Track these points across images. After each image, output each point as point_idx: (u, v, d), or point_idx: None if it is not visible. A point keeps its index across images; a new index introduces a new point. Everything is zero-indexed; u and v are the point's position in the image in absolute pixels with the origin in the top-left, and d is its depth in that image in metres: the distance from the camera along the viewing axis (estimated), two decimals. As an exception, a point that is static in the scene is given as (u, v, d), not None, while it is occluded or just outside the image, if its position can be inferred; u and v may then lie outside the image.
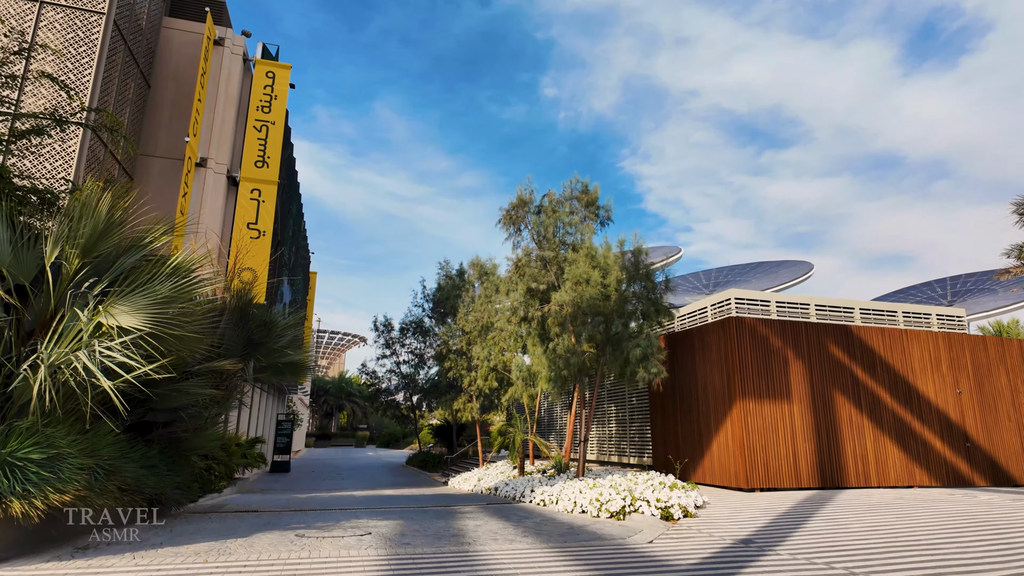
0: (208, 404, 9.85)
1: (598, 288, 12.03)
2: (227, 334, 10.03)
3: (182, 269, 6.37)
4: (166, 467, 8.75)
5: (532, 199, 14.40)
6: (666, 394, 13.19)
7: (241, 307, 10.15)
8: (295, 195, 28.74)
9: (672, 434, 13.02)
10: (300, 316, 13.35)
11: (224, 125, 18.74)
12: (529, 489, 12.05)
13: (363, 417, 68.40)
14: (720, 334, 11.74)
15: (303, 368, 10.97)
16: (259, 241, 18.36)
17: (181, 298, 6.26)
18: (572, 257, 12.80)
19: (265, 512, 10.14)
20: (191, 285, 6.38)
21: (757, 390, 11.27)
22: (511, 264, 14.63)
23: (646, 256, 11.84)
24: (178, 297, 6.26)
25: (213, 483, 13.89)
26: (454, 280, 25.66)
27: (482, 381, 20.69)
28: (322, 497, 14.25)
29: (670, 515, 7.79)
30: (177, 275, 6.32)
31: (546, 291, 13.75)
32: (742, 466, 10.87)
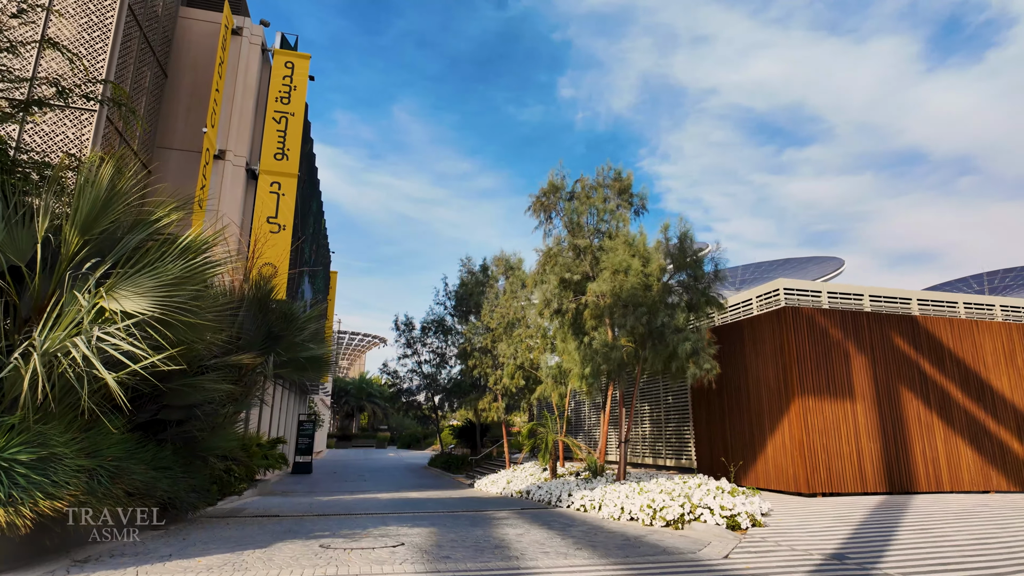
0: (226, 401, 9.21)
1: (639, 277, 11.18)
2: (246, 327, 9.39)
3: (193, 248, 5.68)
4: (181, 469, 8.11)
5: (564, 184, 13.59)
6: (711, 391, 12.27)
7: (260, 298, 9.50)
8: (315, 191, 28.25)
9: (719, 434, 12.09)
10: (322, 308, 12.69)
11: (243, 117, 18.24)
12: (566, 493, 11.22)
13: (384, 418, 68.09)
14: (774, 325, 10.81)
15: (325, 363, 10.29)
16: (279, 235, 17.81)
17: (192, 280, 5.57)
18: (609, 245, 11.95)
19: (286, 517, 9.46)
20: (203, 266, 5.69)
21: (816, 386, 10.32)
22: (540, 255, 13.83)
23: (692, 243, 10.95)
24: (189, 279, 5.57)
25: (233, 485, 13.30)
26: (477, 276, 24.94)
27: (508, 380, 19.92)
28: (346, 500, 13.59)
29: (736, 524, 6.92)
30: (188, 254, 5.63)
31: (580, 282, 12.92)
32: (802, 469, 9.93)
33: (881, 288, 13.65)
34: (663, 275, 11.38)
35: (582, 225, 13.17)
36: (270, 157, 18.31)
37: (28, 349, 4.90)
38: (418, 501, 13.05)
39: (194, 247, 5.66)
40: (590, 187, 13.55)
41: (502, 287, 23.48)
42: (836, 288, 13.65)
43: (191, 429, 8.35)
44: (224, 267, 6.06)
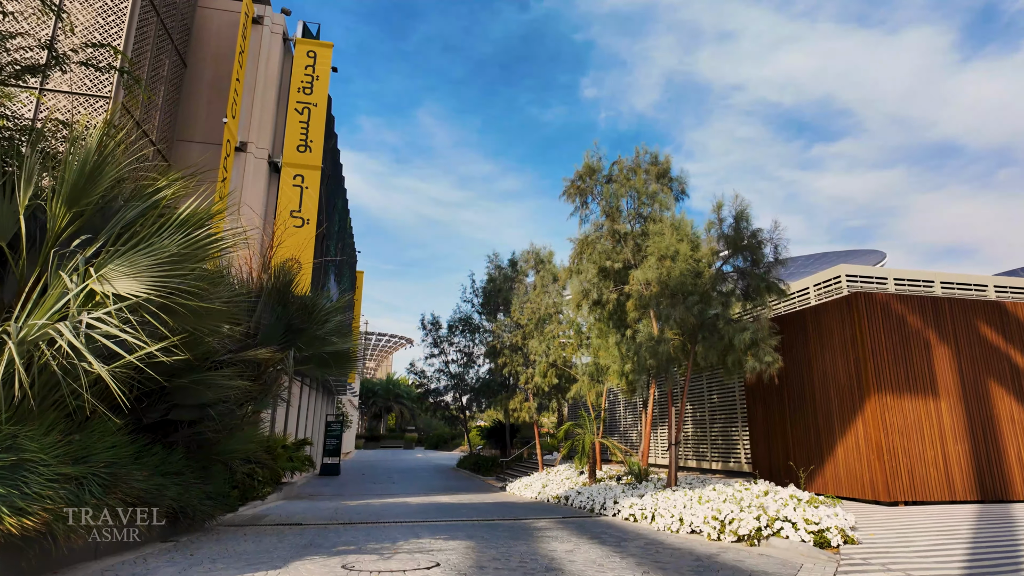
0: (244, 401, 8.51)
1: (688, 263, 10.17)
2: (264, 319, 8.68)
3: (193, 220, 4.91)
4: (194, 474, 7.41)
5: (601, 167, 12.64)
6: (769, 388, 11.18)
7: (279, 289, 8.78)
8: (340, 188, 27.72)
9: (778, 436, 10.99)
10: (347, 299, 11.91)
11: (264, 108, 17.71)
12: (610, 500, 10.27)
13: (411, 419, 67.77)
14: (843, 314, 9.69)
15: (350, 359, 9.53)
16: (303, 230, 17.22)
17: (193, 257, 4.81)
18: (655, 229, 10.96)
19: (309, 526, 8.72)
20: (205, 241, 4.92)
21: (895, 381, 9.18)
22: (576, 243, 12.89)
23: (748, 224, 9.90)
24: (189, 255, 4.81)
25: (256, 489, 12.67)
26: (505, 272, 24.08)
27: (540, 378, 19.03)
28: (374, 505, 12.85)
29: (826, 541, 5.90)
30: (187, 228, 4.87)
31: (621, 271, 11.95)
32: (880, 474, 8.80)
33: (954, 273, 12.36)
34: (715, 260, 10.35)
35: (621, 210, 12.20)
36: (293, 149, 17.74)
37: (1, 337, 4.17)
38: (450, 507, 12.24)
39: (194, 219, 4.90)
40: (628, 169, 12.58)
41: (531, 283, 22.61)
42: (903, 274, 12.42)
43: (205, 431, 7.65)
44: (231, 243, 5.29)
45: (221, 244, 5.10)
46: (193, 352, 6.44)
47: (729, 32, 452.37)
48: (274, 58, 18.16)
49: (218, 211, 5.37)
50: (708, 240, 10.33)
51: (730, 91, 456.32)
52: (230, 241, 5.29)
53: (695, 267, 10.25)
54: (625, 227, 11.84)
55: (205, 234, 4.85)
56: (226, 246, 5.20)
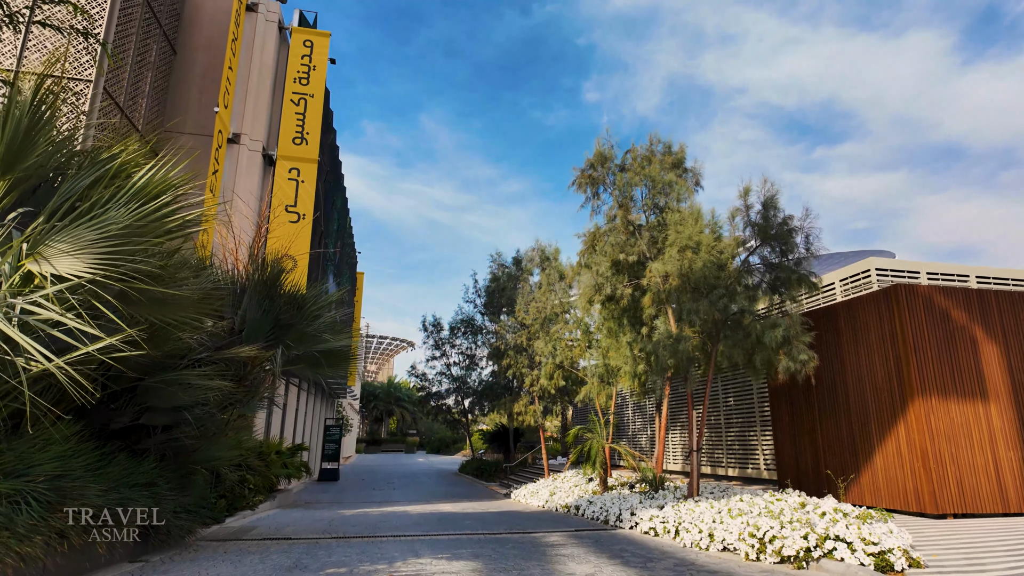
0: (226, 404, 7.75)
1: (711, 254, 9.40)
2: (249, 314, 7.92)
3: (150, 189, 4.15)
4: (168, 485, 6.65)
5: (613, 155, 11.88)
6: (796, 390, 10.39)
7: (267, 281, 8.02)
8: (339, 186, 26.98)
9: (807, 440, 10.20)
10: (341, 293, 11.07)
11: (259, 99, 17.00)
12: (626, 511, 9.48)
13: (412, 422, 66.94)
14: (881, 308, 8.91)
15: (345, 359, 8.77)
16: (298, 225, 16.49)
17: (149, 231, 4.05)
18: (674, 219, 10.19)
19: (299, 540, 7.95)
20: (165, 212, 4.16)
21: (939, 380, 8.40)
22: (586, 235, 12.12)
23: (777, 211, 9.11)
24: (145, 229, 4.05)
25: (246, 498, 11.89)
26: (509, 270, 23.30)
27: (546, 380, 18.22)
28: (371, 516, 12.06)
29: (888, 565, 5.11)
30: (144, 197, 4.11)
31: (636, 264, 11.18)
32: (926, 483, 8.01)
33: (991, 268, 11.59)
34: (739, 251, 9.57)
35: (635, 200, 11.43)
36: (288, 141, 17.03)
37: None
38: (453, 517, 11.45)
39: (151, 188, 4.13)
40: (642, 157, 11.82)
41: (536, 282, 21.84)
42: (937, 268, 11.64)
43: (182, 437, 6.88)
44: (194, 215, 4.52)
45: (182, 216, 4.33)
46: (161, 348, 5.68)
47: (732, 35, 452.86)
48: (269, 47, 17.46)
49: (184, 180, 4.61)
50: (733, 229, 9.56)
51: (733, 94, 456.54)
52: (194, 213, 4.51)
53: (718, 259, 9.48)
54: (640, 218, 11.07)
55: (162, 204, 4.08)
56: (189, 217, 4.42)
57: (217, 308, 7.88)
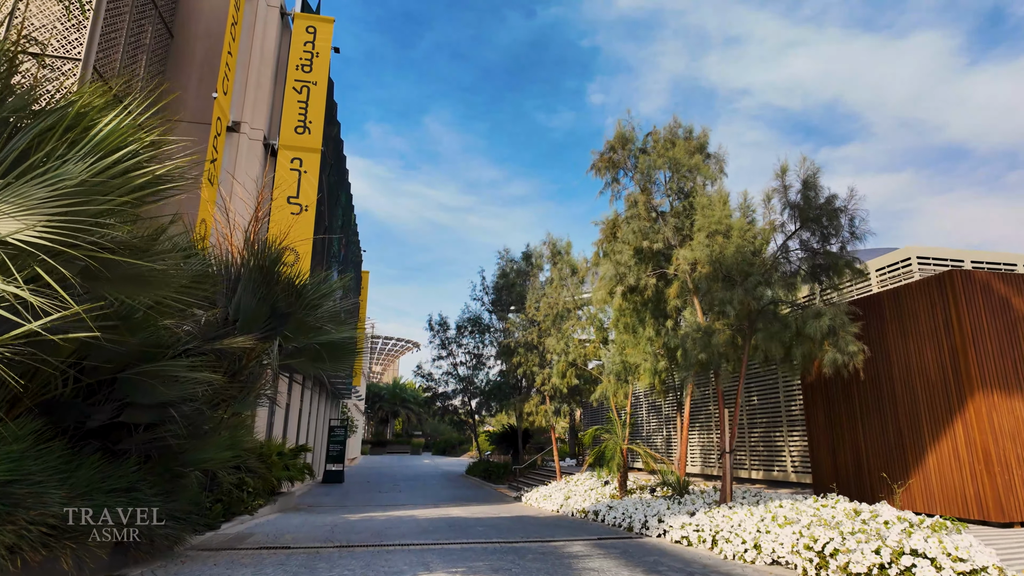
0: (218, 400, 7.07)
1: (744, 239, 8.67)
2: (244, 302, 7.24)
3: (113, 139, 3.46)
4: (152, 490, 5.97)
5: (634, 137, 11.16)
6: (833, 386, 9.63)
7: (263, 267, 7.34)
8: (344, 182, 26.35)
9: (846, 440, 9.43)
10: (345, 281, 10.26)
11: (260, 86, 16.37)
12: (653, 518, 8.73)
13: (418, 423, 66.33)
14: (933, 296, 8.14)
15: (348, 352, 8.08)
16: (301, 217, 15.85)
17: (112, 189, 3.36)
18: (703, 202, 9.47)
19: (298, 550, 7.26)
20: (131, 163, 3.47)
21: (1001, 374, 7.63)
22: (604, 224, 11.40)
23: (818, 192, 8.36)
24: (108, 187, 3.36)
25: (245, 502, 11.22)
26: (519, 265, 22.58)
27: (558, 379, 17.49)
28: (377, 521, 11.37)
29: (982, 586, 4.37)
30: (104, 150, 3.42)
31: (660, 252, 10.46)
32: (989, 487, 7.24)
33: (1040, 256, 10.81)
34: (773, 236, 8.83)
35: (658, 183, 10.71)
36: (290, 130, 16.39)
37: None
38: (463, 523, 10.74)
39: (114, 138, 3.43)
40: (665, 140, 11.09)
41: (547, 277, 21.10)
42: (982, 256, 10.87)
43: (167, 436, 6.20)
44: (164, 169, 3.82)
45: (152, 170, 3.63)
46: (137, 334, 5.01)
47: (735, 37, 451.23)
48: (270, 33, 16.83)
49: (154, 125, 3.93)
50: (768, 212, 8.81)
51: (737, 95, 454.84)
52: (166, 167, 3.82)
53: (752, 244, 8.74)
54: (663, 203, 10.35)
55: (126, 155, 3.38)
56: (160, 171, 3.73)
57: (209, 295, 7.22)
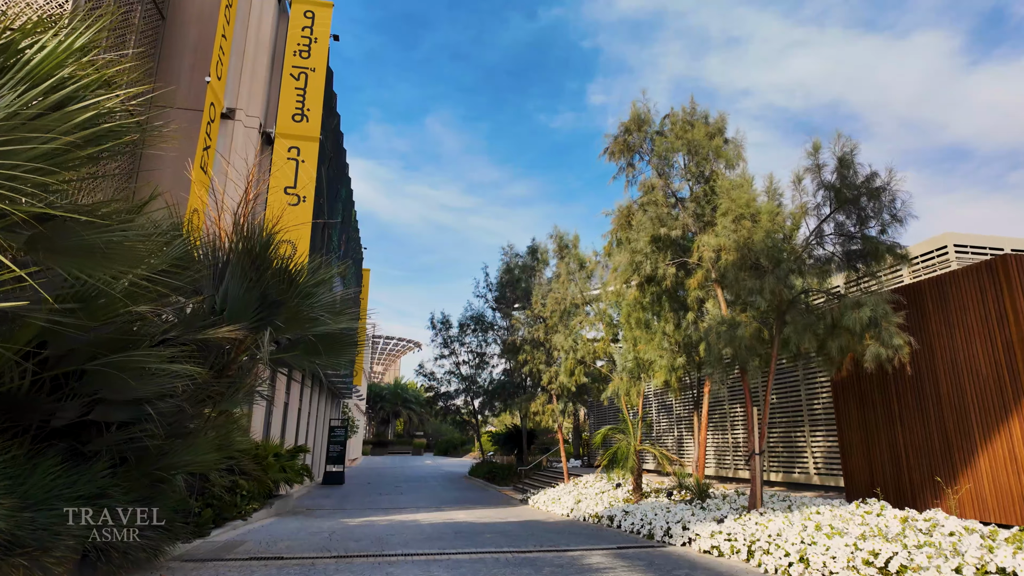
0: (203, 397, 6.42)
1: (774, 223, 8.01)
2: (231, 289, 6.60)
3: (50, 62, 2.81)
4: (126, 496, 5.34)
5: (651, 119, 10.51)
6: (866, 383, 8.97)
7: (251, 251, 6.70)
8: (344, 176, 25.70)
9: (882, 441, 8.77)
10: (345, 264, 9.46)
11: (256, 73, 15.74)
12: (676, 525, 8.08)
13: (419, 424, 65.71)
14: (984, 284, 7.48)
15: (346, 345, 7.44)
16: (298, 208, 15.21)
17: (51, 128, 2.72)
18: (725, 185, 8.82)
19: (291, 561, 6.62)
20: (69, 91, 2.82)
21: (1061, 370, 6.96)
22: (618, 212, 10.75)
23: (856, 171, 7.69)
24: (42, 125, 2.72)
25: (238, 506, 10.59)
26: (524, 260, 21.92)
27: (566, 377, 16.85)
28: (378, 526, 10.73)
29: (1089, 613, 3.72)
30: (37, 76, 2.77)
31: (676, 242, 9.81)
32: (1050, 494, 6.58)
33: (1084, 244, 10.15)
34: (808, 219, 8.17)
35: (676, 168, 10.05)
36: (288, 118, 15.75)
37: None
38: (470, 528, 10.09)
39: (49, 62, 2.79)
40: (683, 122, 10.45)
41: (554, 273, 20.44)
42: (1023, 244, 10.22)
43: (144, 436, 5.55)
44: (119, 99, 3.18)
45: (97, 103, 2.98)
46: (99, 317, 4.37)
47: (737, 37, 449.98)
48: (267, 18, 16.20)
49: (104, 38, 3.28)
50: (799, 194, 8.15)
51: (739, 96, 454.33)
52: (116, 97, 3.17)
53: (782, 228, 8.08)
54: (683, 187, 9.70)
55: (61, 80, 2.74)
56: (110, 102, 3.08)
57: (193, 281, 6.59)
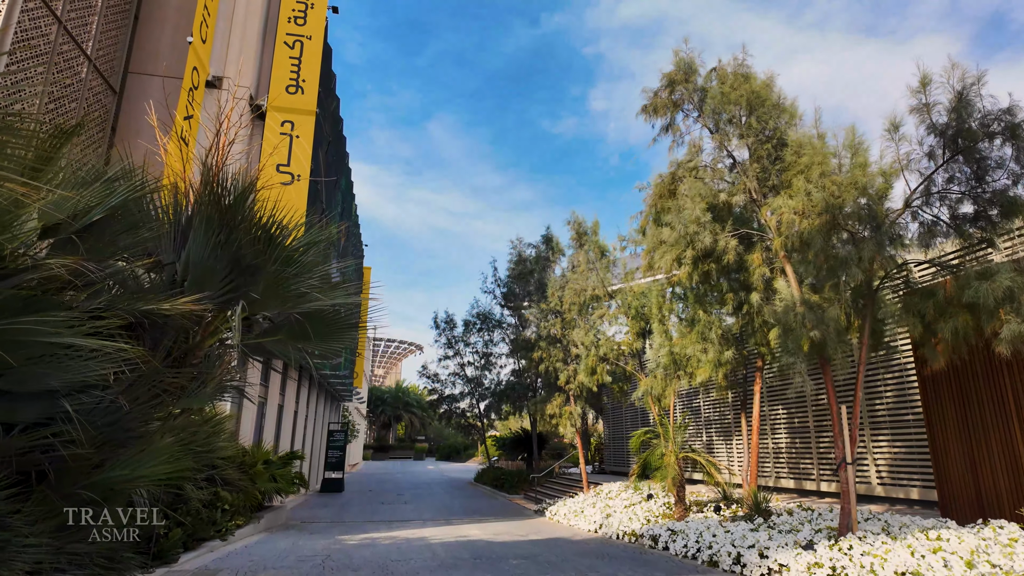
0: (154, 391, 4.91)
1: (869, 177, 6.52)
2: (194, 252, 5.10)
3: None
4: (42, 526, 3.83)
5: (698, 70, 9.03)
6: (970, 377, 7.45)
7: (220, 203, 5.21)
8: (343, 166, 24.22)
9: (995, 448, 7.24)
10: (340, 227, 7.81)
11: (246, 41, 14.29)
12: (750, 551, 6.55)
13: (422, 428, 64.08)
14: None
15: (342, 327, 5.94)
16: (292, 188, 13.73)
17: None
18: (798, 139, 7.33)
19: (271, 605, 5.11)
20: None
21: None
22: (657, 182, 9.25)
23: (971, 111, 6.17)
24: None
25: (218, 523, 9.06)
26: (539, 250, 20.40)
27: (586, 376, 15.30)
28: (380, 546, 9.21)
29: None
30: None
31: (730, 213, 8.32)
32: None
33: None
34: (908, 173, 6.66)
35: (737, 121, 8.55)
36: (281, 90, 14.29)
37: None
38: (489, 551, 8.55)
39: None
40: (734, 75, 8.95)
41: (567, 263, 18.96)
42: None
43: (61, 443, 4.03)
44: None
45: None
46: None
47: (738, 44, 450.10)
48: (259, -19, 14.77)
49: None
50: (896, 143, 6.63)
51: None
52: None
53: (877, 186, 6.58)
54: (743, 147, 8.20)
55: None
56: None
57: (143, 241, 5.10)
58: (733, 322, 10.96)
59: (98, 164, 5.03)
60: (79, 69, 10.34)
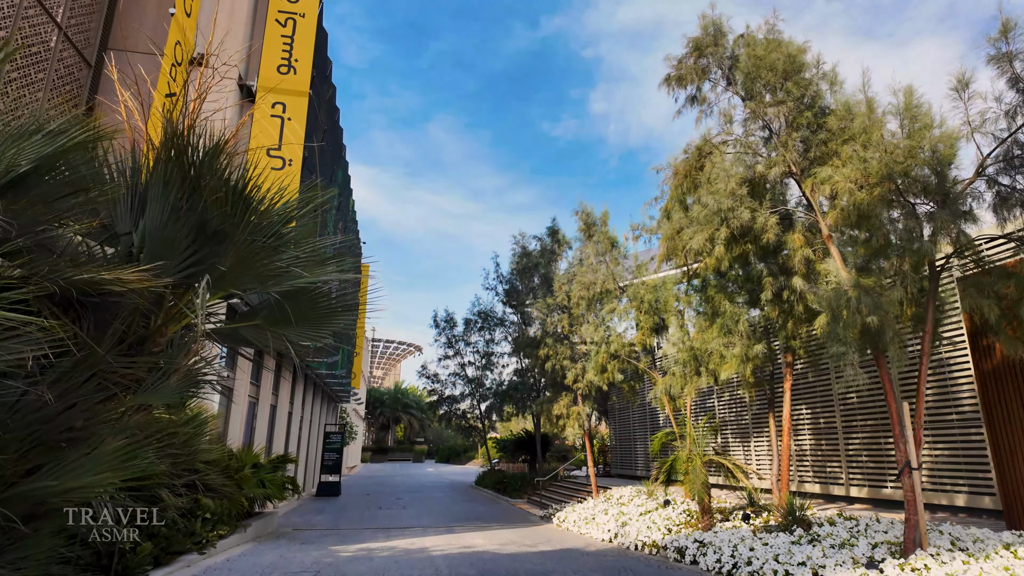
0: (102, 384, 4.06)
1: (930, 143, 5.69)
2: (151, 215, 4.26)
3: None
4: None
5: (726, 35, 8.19)
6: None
7: (182, 159, 4.36)
8: (340, 158, 23.34)
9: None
10: (332, 193, 6.93)
11: (234, 17, 13.46)
12: (802, 570, 5.70)
13: (421, 430, 63.16)
14: None
15: (329, 311, 5.09)
16: (283, 172, 12.88)
17: None
18: (845, 104, 6.50)
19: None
20: None
21: None
22: (683, 157, 8.41)
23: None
24: None
25: (197, 534, 8.19)
26: (544, 243, 19.53)
27: (596, 375, 14.46)
28: (377, 559, 8.34)
29: None
30: None
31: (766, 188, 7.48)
32: None
33: None
34: (980, 136, 5.82)
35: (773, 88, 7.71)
36: (272, 70, 13.44)
37: None
38: (496, 566, 7.69)
39: None
40: (767, 40, 8.11)
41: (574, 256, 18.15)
42: None
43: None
44: None
45: None
46: None
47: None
48: (249, -45, 13.93)
49: None
50: (966, 103, 5.79)
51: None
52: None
53: (939, 153, 5.75)
54: (779, 116, 7.35)
55: None
56: None
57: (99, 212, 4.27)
58: (757, 315, 10.13)
59: (40, 114, 4.18)
60: (48, 37, 9.45)
